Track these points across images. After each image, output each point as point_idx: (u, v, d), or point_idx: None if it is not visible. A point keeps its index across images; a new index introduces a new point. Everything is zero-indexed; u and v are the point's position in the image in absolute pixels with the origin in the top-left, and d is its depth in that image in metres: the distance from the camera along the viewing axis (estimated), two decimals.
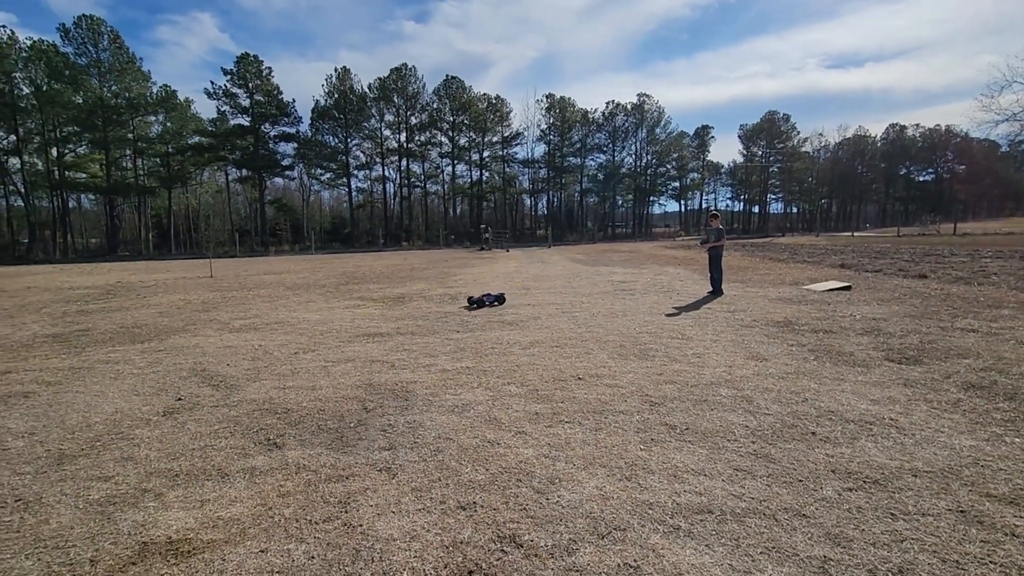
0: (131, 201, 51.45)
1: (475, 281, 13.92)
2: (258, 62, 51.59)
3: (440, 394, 4.25)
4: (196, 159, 52.37)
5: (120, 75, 46.05)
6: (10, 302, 11.12)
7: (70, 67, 43.68)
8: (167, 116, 50.49)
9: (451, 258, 27.24)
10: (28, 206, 46.62)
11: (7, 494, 2.71)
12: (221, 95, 51.14)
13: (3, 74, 41.54)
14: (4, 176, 44.99)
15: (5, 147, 44.97)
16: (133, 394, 4.44)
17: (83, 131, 45.96)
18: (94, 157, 47.51)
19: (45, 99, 42.68)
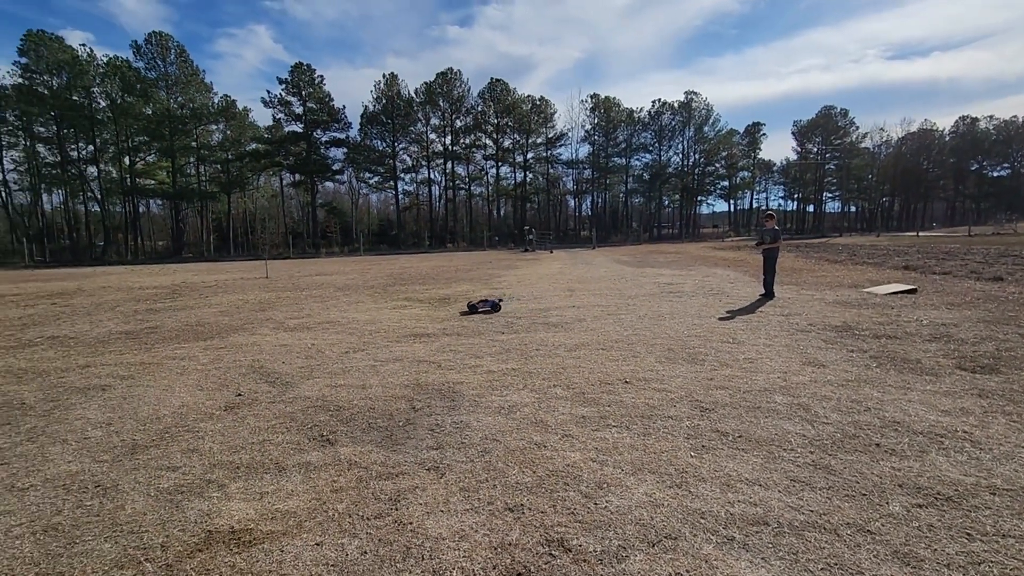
0: (194, 205, 54.35)
1: (519, 282, 13.96)
2: (311, 71, 53.53)
3: (486, 395, 4.28)
4: (253, 165, 54.84)
5: (185, 87, 48.78)
6: (88, 301, 11.96)
7: (141, 81, 46.62)
8: (227, 124, 53.11)
9: (495, 259, 27.41)
10: (104, 211, 50.08)
11: (88, 480, 2.91)
12: (276, 103, 53.41)
13: (83, 89, 44.79)
14: (83, 184, 48.46)
15: (84, 157, 48.48)
16: (197, 389, 4.69)
17: (152, 140, 48.96)
18: (161, 165, 50.52)
19: (119, 111, 45.71)
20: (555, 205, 71.72)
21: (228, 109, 52.42)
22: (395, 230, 63.28)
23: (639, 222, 73.75)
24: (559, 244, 46.42)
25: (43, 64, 43.78)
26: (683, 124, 66.79)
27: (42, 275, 23.63)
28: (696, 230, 71.87)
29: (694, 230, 70.94)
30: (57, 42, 44.58)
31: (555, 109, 64.25)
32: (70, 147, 48.04)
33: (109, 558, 2.19)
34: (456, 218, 65.89)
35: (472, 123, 61.71)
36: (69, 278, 20.62)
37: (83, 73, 44.57)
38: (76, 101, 45.20)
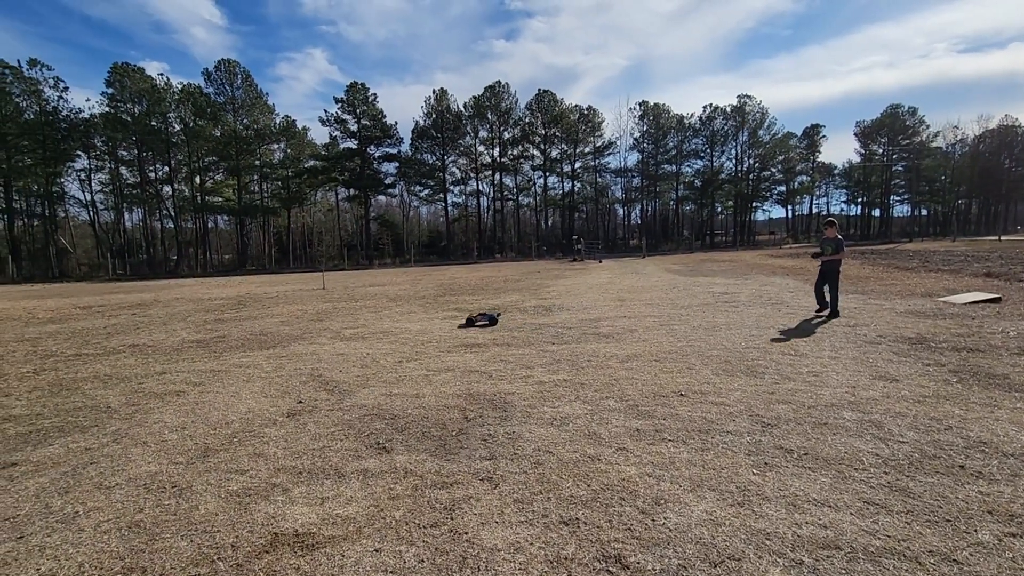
0: (257, 221, 57.34)
1: (568, 292, 13.89)
2: (364, 89, 55.60)
3: (538, 406, 4.27)
4: (311, 181, 57.35)
5: (250, 109, 51.75)
6: (164, 311, 12.79)
7: (211, 105, 49.83)
8: (288, 143, 55.92)
9: (543, 269, 27.40)
10: (177, 227, 53.63)
11: (166, 481, 3.09)
12: (333, 122, 55.72)
13: (160, 115, 48.32)
14: (159, 202, 52.11)
15: (160, 177, 52.15)
16: (262, 396, 4.91)
17: (220, 160, 52.14)
18: (228, 183, 53.67)
19: (191, 134, 48.98)
20: (604, 214, 71.09)
21: (288, 129, 55.20)
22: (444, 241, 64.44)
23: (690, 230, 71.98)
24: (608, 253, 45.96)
25: (126, 93, 47.58)
26: (736, 128, 64.82)
27: (123, 287, 25.48)
28: (751, 237, 69.35)
29: (749, 237, 68.45)
30: (138, 73, 48.38)
31: (603, 118, 63.93)
32: (148, 168, 51.85)
33: (186, 555, 2.32)
34: (504, 229, 66.41)
35: (520, 134, 62.24)
36: (146, 290, 22.14)
37: (160, 100, 48.13)
38: (154, 126, 48.81)
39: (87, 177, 51.79)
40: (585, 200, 68.17)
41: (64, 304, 15.90)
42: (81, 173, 51.64)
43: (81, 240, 57.26)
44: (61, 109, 47.77)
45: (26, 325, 10.92)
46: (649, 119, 63.98)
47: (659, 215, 72.33)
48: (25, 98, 46.64)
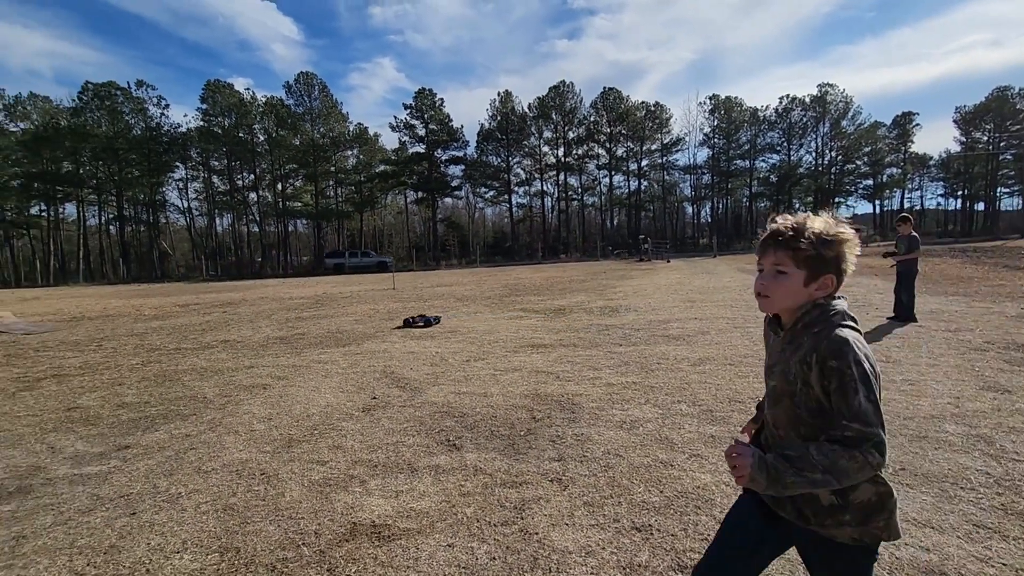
0: (332, 224, 60.36)
1: (635, 293, 13.60)
2: (432, 95, 57.12)
3: (607, 408, 4.20)
4: (382, 185, 59.69)
5: (326, 118, 54.56)
6: (250, 310, 13.73)
7: (291, 116, 52.99)
8: (360, 149, 58.46)
9: (609, 270, 27.00)
10: (261, 231, 57.46)
11: (255, 468, 3.31)
12: (402, 127, 57.70)
13: (247, 127, 51.96)
14: (246, 208, 56.03)
15: (246, 185, 56.05)
16: (339, 391, 5.15)
17: (299, 168, 55.36)
18: (306, 188, 56.90)
19: (274, 144, 52.31)
20: (671, 213, 69.09)
21: (361, 136, 57.74)
22: (509, 242, 64.96)
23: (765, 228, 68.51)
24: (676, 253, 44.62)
25: (218, 108, 51.56)
26: (816, 120, 60.95)
27: (215, 287, 27.60)
28: None
29: None
30: (228, 88, 52.28)
31: (670, 114, 62.18)
32: (236, 177, 55.92)
33: (274, 539, 2.47)
34: (569, 229, 66.06)
35: (585, 134, 61.73)
36: (235, 290, 23.85)
37: (247, 113, 51.81)
38: (242, 137, 52.60)
39: (184, 186, 56.65)
40: (652, 199, 66.57)
41: (165, 302, 17.44)
42: (179, 182, 56.56)
43: (179, 244, 62.64)
44: (163, 125, 52.49)
45: (134, 321, 12.06)
46: (720, 113, 61.50)
47: (731, 213, 69.35)
48: (133, 116, 51.57)
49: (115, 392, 5.41)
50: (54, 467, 3.46)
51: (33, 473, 3.37)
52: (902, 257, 7.94)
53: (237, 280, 37.68)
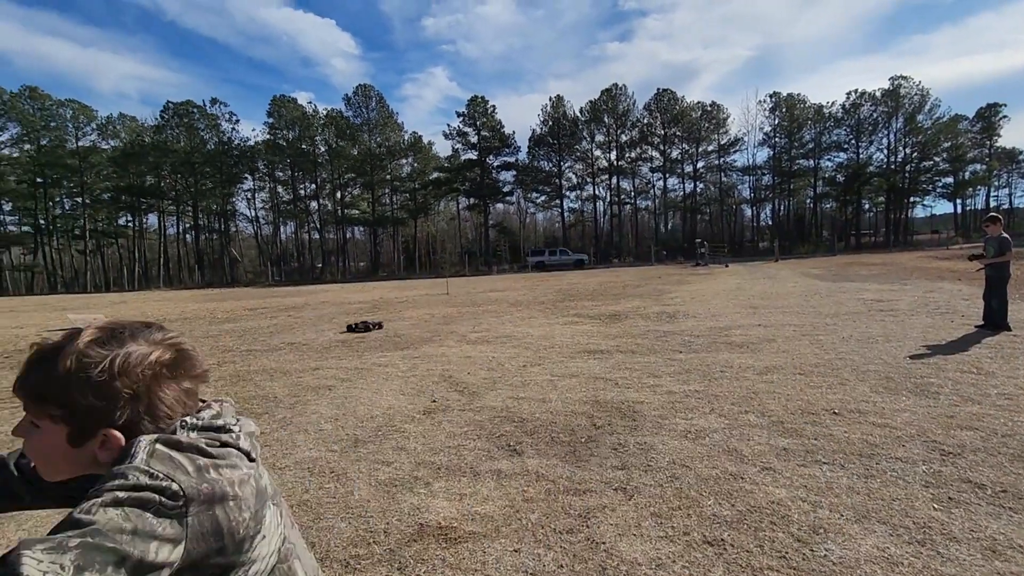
0: (388, 230, 62.17)
1: (693, 299, 13.22)
2: (484, 102, 57.90)
3: (669, 417, 4.10)
4: (435, 192, 60.99)
5: (382, 128, 56.37)
6: (313, 313, 14.32)
7: (350, 127, 55.10)
8: (414, 158, 59.96)
9: (664, 275, 26.40)
10: (321, 238, 59.95)
11: (324, 467, 3.44)
12: (455, 135, 58.76)
13: (309, 139, 54.47)
14: (308, 216, 58.66)
15: (308, 194, 58.68)
16: (400, 393, 5.28)
17: (357, 176, 57.41)
18: (363, 196, 58.95)
19: (334, 154, 54.55)
20: (729, 215, 66.80)
21: (416, 144, 59.24)
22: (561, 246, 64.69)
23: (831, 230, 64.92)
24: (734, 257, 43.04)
25: (283, 121, 54.33)
26: (888, 115, 57.29)
27: (280, 292, 28.99)
28: (908, 237, 60.75)
29: (905, 237, 60.01)
30: (292, 103, 55.01)
31: (728, 114, 60.18)
32: (299, 187, 58.64)
33: (346, 536, 2.55)
34: (621, 233, 65.13)
35: (638, 136, 60.77)
36: (298, 295, 24.95)
37: (309, 125, 54.33)
38: (304, 149, 55.18)
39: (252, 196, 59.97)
40: (708, 201, 64.62)
41: (236, 306, 18.47)
42: (248, 193, 59.92)
43: (247, 250, 66.22)
44: (233, 139, 55.83)
45: (209, 324, 12.84)
46: (781, 111, 58.99)
47: (793, 215, 66.27)
48: (208, 131, 55.13)
49: None
50: None
51: None
52: (991, 260, 7.30)
53: (299, 285, 39.43)
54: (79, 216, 54.57)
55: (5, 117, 50.17)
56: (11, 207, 53.26)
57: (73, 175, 52.51)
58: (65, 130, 52.55)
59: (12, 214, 53.99)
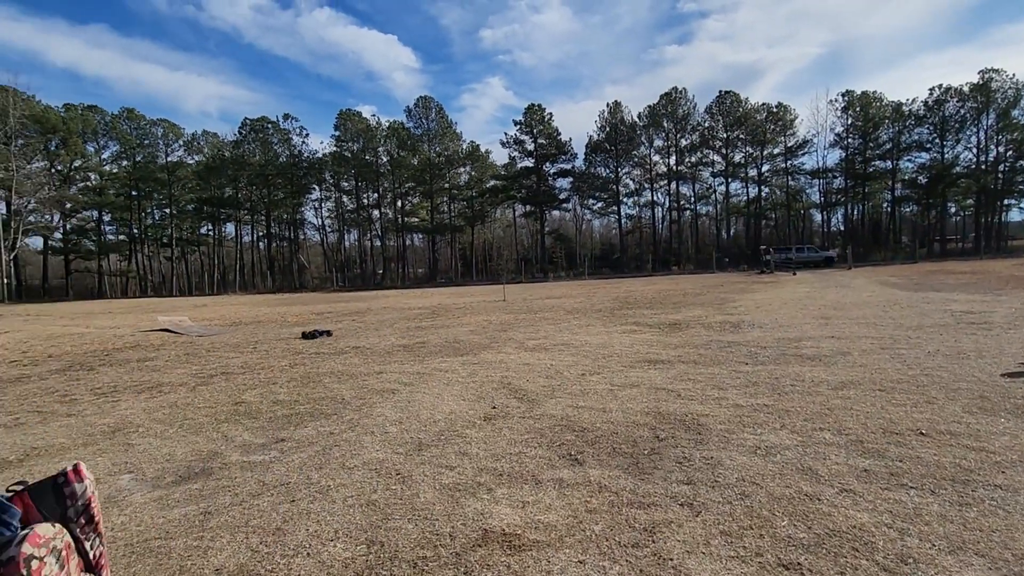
0: (446, 238, 63.53)
1: (757, 308, 12.69)
2: (541, 110, 58.22)
3: (737, 432, 3.95)
4: (492, 199, 61.82)
5: (442, 138, 57.85)
6: (375, 318, 14.83)
7: (411, 138, 56.90)
8: (472, 166, 61.09)
9: (726, 283, 25.48)
10: (383, 245, 62.04)
11: (391, 468, 3.56)
12: (512, 143, 59.44)
13: (372, 150, 56.70)
14: (370, 224, 60.90)
15: (370, 203, 60.92)
16: (460, 399, 5.37)
17: (417, 186, 59.11)
18: (423, 205, 60.61)
19: (395, 164, 56.47)
20: (797, 221, 63.65)
21: (473, 153, 60.37)
22: (617, 254, 63.86)
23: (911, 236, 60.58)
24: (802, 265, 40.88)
25: (348, 134, 56.88)
26: (978, 111, 52.82)
27: (344, 297, 30.21)
28: (1001, 243, 55.63)
29: (997, 243, 54.98)
30: (357, 116, 57.50)
31: (795, 114, 57.59)
32: (362, 196, 61.01)
33: (413, 537, 2.62)
34: (681, 240, 63.46)
35: (699, 140, 59.19)
36: (360, 300, 25.90)
37: (373, 137, 56.59)
38: (368, 160, 57.50)
39: (319, 205, 62.98)
40: (774, 206, 61.91)
41: (304, 310, 19.41)
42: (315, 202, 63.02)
43: (314, 257, 69.51)
44: (303, 152, 58.90)
45: (280, 327, 13.56)
46: (855, 110, 55.80)
47: (868, 219, 62.38)
48: (280, 145, 58.50)
49: (270, 390, 6.11)
50: (227, 453, 3.98)
51: (212, 457, 3.90)
52: None
53: (362, 290, 40.92)
54: (167, 225, 59.17)
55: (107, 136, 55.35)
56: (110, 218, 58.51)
57: (162, 188, 57.08)
58: (156, 147, 57.30)
59: (111, 224, 59.28)
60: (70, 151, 52.53)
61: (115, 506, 3.12)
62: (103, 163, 56.49)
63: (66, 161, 53.44)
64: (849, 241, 52.95)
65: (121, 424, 4.93)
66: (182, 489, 3.34)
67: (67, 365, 8.60)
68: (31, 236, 52.26)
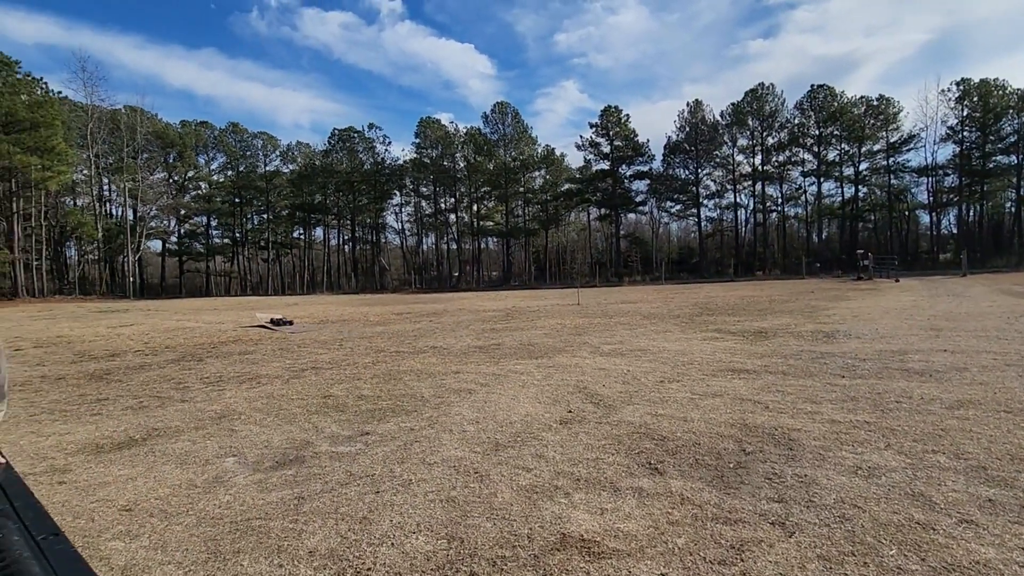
0: (519, 241, 64.12)
1: (854, 317, 11.74)
2: (618, 112, 57.38)
3: (834, 450, 3.67)
4: (566, 203, 61.66)
5: (517, 143, 58.52)
6: (451, 320, 15.21)
7: (487, 143, 58.01)
8: (547, 170, 61.27)
9: (817, 289, 23.80)
10: (458, 249, 63.65)
11: (468, 467, 3.62)
12: (587, 146, 59.03)
13: (450, 156, 58.42)
14: (447, 228, 62.70)
15: (447, 207, 62.72)
16: (536, 401, 5.38)
17: (492, 190, 60.15)
18: (497, 208, 61.55)
19: (472, 169, 57.81)
20: (900, 223, 58.27)
21: (548, 157, 60.53)
22: (696, 258, 61.53)
23: None
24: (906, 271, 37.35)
25: (427, 141, 58.97)
26: None
27: (421, 298, 31.25)
28: None
29: None
30: (436, 123, 59.42)
31: (899, 107, 52.78)
32: (440, 201, 62.93)
33: (491, 536, 2.65)
34: (766, 243, 60.04)
35: (787, 138, 55.79)
36: (437, 302, 26.68)
37: (451, 143, 58.30)
38: (445, 165, 59.29)
39: (399, 210, 65.66)
40: (873, 207, 57.11)
41: (384, 311, 20.28)
42: (396, 207, 65.76)
43: (393, 260, 72.51)
44: (386, 159, 61.70)
45: (363, 326, 14.25)
46: (971, 100, 50.37)
47: (987, 221, 55.89)
48: (365, 153, 61.68)
49: (355, 385, 6.43)
50: (318, 443, 4.22)
51: (304, 446, 4.16)
52: None
53: (438, 292, 42.16)
54: (264, 230, 64.09)
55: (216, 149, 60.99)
56: (216, 223, 64.27)
57: (261, 195, 61.95)
58: (257, 157, 62.35)
59: (217, 228, 65.11)
60: (185, 163, 58.46)
61: (221, 486, 3.40)
62: (212, 173, 62.39)
63: (181, 172, 59.52)
64: (963, 246, 47.66)
65: (226, 411, 5.38)
66: (278, 474, 3.59)
67: (180, 356, 9.51)
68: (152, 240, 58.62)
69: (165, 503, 3.16)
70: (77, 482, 3.55)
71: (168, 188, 57.18)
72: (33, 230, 43.25)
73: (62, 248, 52.37)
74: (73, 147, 43.64)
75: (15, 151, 36.46)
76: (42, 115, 38.42)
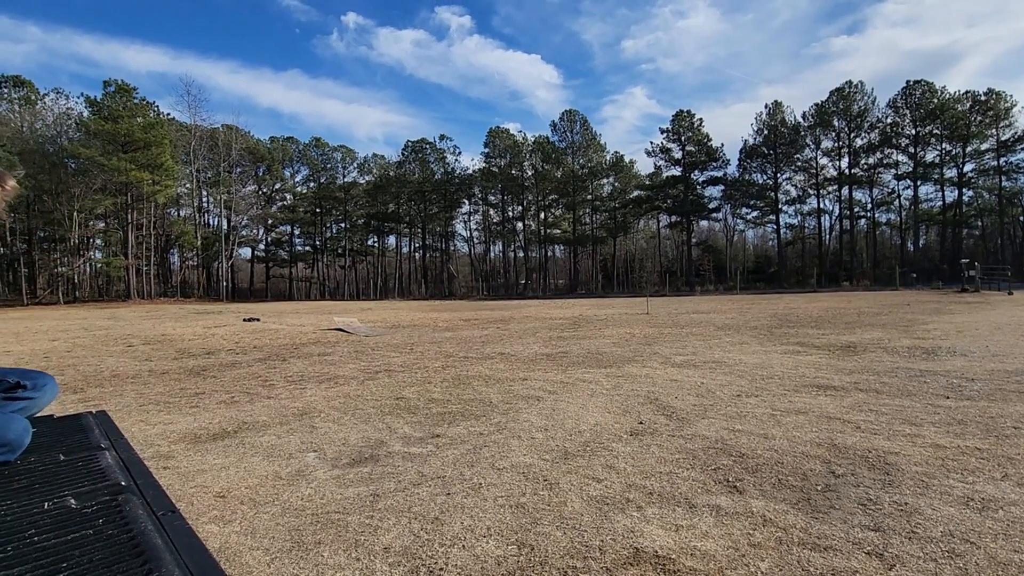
0: (587, 249, 63.62)
1: (959, 332, 10.67)
2: (690, 116, 55.80)
3: (939, 477, 3.33)
4: (635, 210, 60.57)
5: (585, 151, 58.32)
6: (518, 327, 15.29)
7: (555, 151, 58.22)
8: (615, 177, 60.55)
9: (914, 301, 21.86)
10: (526, 256, 64.09)
11: (538, 474, 3.61)
12: (658, 152, 57.75)
13: (518, 164, 59.06)
14: (514, 236, 63.32)
15: (515, 215, 63.37)
16: (605, 411, 5.28)
17: (560, 198, 60.20)
18: (565, 216, 61.44)
19: (540, 177, 58.18)
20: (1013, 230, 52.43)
21: (617, 164, 59.78)
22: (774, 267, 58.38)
23: None
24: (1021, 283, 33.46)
25: (496, 150, 59.99)
26: None
27: (488, 305, 31.67)
28: None
29: None
30: (505, 132, 60.38)
31: (1012, 102, 47.65)
32: (507, 209, 63.70)
33: (562, 545, 2.62)
34: (854, 252, 55.96)
35: (878, 139, 51.87)
36: (504, 309, 26.92)
37: (519, 152, 58.94)
38: (513, 174, 60.01)
39: (468, 219, 67.13)
40: (980, 212, 51.85)
41: (453, 317, 20.72)
42: (464, 216, 67.27)
43: (461, 267, 74.06)
44: (455, 169, 63.36)
45: (433, 331, 14.62)
46: None
47: None
48: (436, 164, 63.66)
49: (426, 389, 6.60)
50: (391, 443, 4.36)
51: (379, 445, 4.31)
52: None
53: (505, 299, 42.55)
54: (342, 238, 67.54)
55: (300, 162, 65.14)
56: (299, 231, 68.45)
57: (339, 205, 65.36)
58: (336, 170, 65.98)
59: (299, 237, 69.36)
60: (273, 176, 62.90)
61: (303, 479, 3.59)
62: (296, 185, 66.64)
63: (270, 184, 64.04)
64: None
65: (307, 409, 5.68)
66: (355, 471, 3.74)
67: (267, 355, 10.17)
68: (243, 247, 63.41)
69: (254, 492, 3.37)
70: (179, 468, 3.87)
71: (258, 199, 61.69)
72: (144, 239, 48.09)
73: (167, 255, 57.81)
74: (178, 163, 48.21)
75: (131, 168, 40.75)
76: (154, 135, 42.82)
